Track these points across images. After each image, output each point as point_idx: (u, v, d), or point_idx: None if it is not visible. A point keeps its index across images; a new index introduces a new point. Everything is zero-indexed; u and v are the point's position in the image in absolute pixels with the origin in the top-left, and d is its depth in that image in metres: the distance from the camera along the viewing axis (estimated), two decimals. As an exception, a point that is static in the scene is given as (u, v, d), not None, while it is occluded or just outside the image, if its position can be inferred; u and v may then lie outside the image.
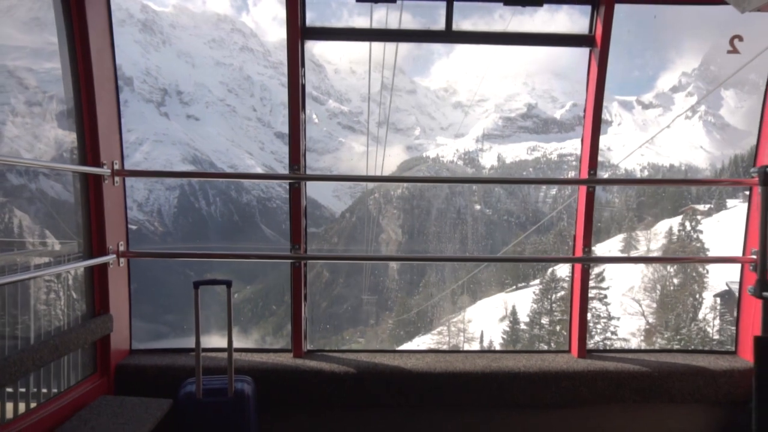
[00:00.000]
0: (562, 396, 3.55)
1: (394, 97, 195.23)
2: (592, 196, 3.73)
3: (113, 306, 3.55)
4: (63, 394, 3.16)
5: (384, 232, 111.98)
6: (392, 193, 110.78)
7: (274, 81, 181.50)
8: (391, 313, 70.94)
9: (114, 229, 3.57)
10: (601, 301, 37.83)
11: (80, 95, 3.31)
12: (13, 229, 5.34)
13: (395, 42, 4.46)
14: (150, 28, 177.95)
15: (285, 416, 3.63)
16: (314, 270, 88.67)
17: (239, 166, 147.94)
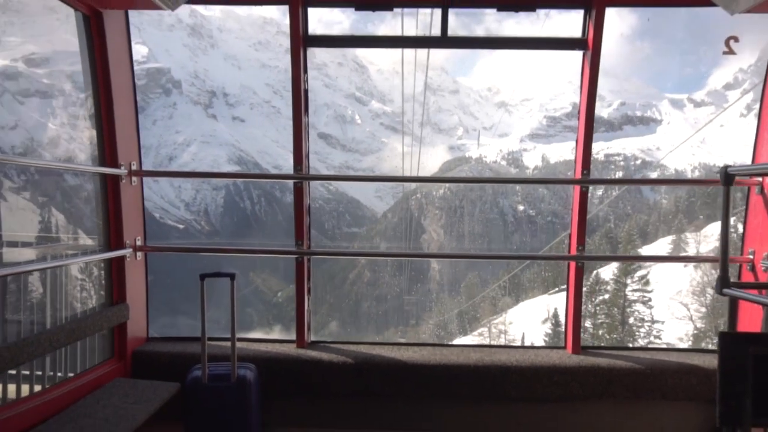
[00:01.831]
0: (553, 390, 3.62)
1: (437, 98, 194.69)
2: (585, 196, 3.81)
3: (130, 296, 3.81)
4: (81, 375, 3.44)
5: (426, 233, 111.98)
6: (434, 193, 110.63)
7: (318, 82, 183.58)
8: (432, 313, 70.93)
9: (131, 224, 3.83)
10: (644, 304, 36.81)
11: (99, 102, 3.57)
12: (53, 225, 5.68)
13: (393, 48, 4.59)
14: (198, 32, 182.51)
15: (286, 403, 3.81)
16: (356, 270, 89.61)
17: (283, 167, 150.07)
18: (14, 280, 3.83)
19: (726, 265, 2.85)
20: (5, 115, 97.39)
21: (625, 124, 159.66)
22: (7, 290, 3.74)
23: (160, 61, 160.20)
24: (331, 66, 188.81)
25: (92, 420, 2.96)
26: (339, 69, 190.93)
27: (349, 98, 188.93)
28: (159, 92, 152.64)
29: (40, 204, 7.95)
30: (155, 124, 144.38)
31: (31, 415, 2.98)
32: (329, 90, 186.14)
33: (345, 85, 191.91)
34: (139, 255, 3.92)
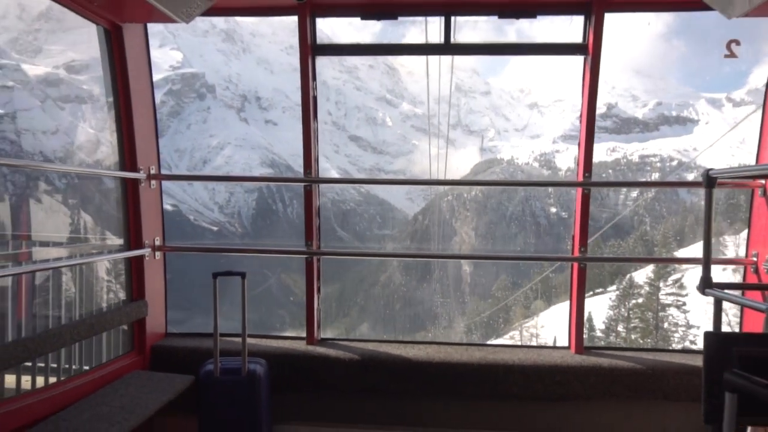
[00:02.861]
0: (555, 389, 3.70)
1: (468, 99, 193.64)
2: (587, 198, 3.89)
3: (149, 293, 4.04)
4: (102, 366, 3.67)
5: (457, 235, 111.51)
6: (465, 195, 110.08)
7: (349, 85, 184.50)
8: (463, 316, 70.63)
9: (150, 225, 4.05)
10: (679, 309, 35.94)
11: (120, 110, 3.80)
12: (81, 225, 5.97)
13: (397, 55, 4.72)
14: (231, 37, 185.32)
15: (295, 397, 3.97)
16: (386, 272, 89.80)
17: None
18: (45, 277, 4.09)
19: (709, 266, 2.90)
20: (47, 120, 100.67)
21: (661, 125, 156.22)
22: (35, 286, 4.00)
23: (194, 67, 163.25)
24: (362, 69, 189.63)
25: (109, 408, 3.16)
26: (370, 72, 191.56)
27: (379, 101, 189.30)
28: (193, 97, 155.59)
29: (71, 206, 8.29)
30: (189, 128, 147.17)
31: (54, 401, 3.21)
32: (360, 93, 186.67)
33: (376, 87, 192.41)
34: (157, 254, 4.15)
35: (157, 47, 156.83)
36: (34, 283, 3.95)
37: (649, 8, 3.76)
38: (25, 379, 3.69)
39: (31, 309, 3.94)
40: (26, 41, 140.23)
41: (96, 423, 2.97)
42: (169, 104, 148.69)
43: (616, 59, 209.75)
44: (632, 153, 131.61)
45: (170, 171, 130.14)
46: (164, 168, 4.21)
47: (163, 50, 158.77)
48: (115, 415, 3.10)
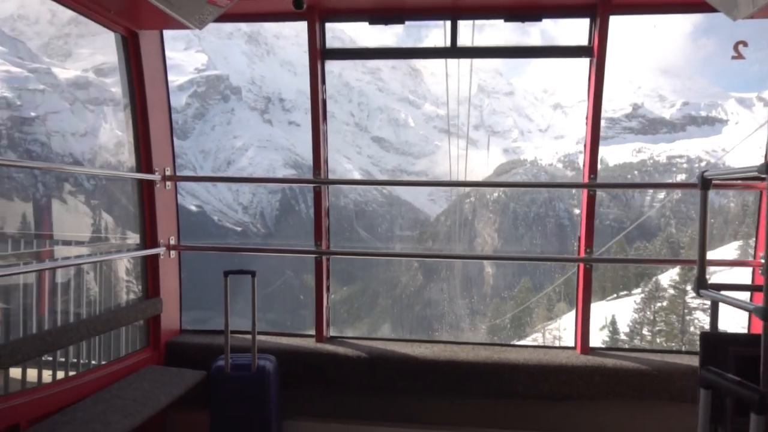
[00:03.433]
0: (560, 389, 3.74)
1: (492, 100, 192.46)
2: (593, 199, 3.93)
3: (164, 291, 4.18)
4: (118, 361, 3.82)
5: (479, 236, 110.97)
6: (488, 197, 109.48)
7: (371, 86, 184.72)
8: (485, 318, 70.30)
9: (165, 225, 4.19)
10: (705, 312, 35.28)
11: (136, 114, 3.94)
12: (103, 225, 6.15)
13: (404, 59, 4.80)
14: (255, 39, 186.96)
15: (304, 393, 4.08)
16: (409, 273, 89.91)
17: (337, 170, 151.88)
18: (66, 274, 4.26)
19: (703, 266, 2.92)
20: (77, 122, 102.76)
21: (688, 125, 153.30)
22: (57, 283, 4.16)
23: (219, 69, 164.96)
24: (384, 70, 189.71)
25: (122, 400, 3.30)
26: (392, 73, 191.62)
27: (402, 101, 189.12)
28: (218, 99, 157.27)
29: (93, 206, 8.56)
30: (214, 130, 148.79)
31: (73, 393, 3.36)
32: (382, 94, 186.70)
33: (398, 88, 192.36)
34: (172, 253, 4.28)
35: (183, 50, 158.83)
36: (55, 281, 4.12)
37: (653, 10, 3.78)
38: (47, 372, 3.86)
39: (52, 305, 4.10)
40: (57, 45, 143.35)
41: (110, 414, 3.10)
42: (194, 106, 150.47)
43: (642, 59, 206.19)
44: (659, 154, 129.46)
45: (195, 172, 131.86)
46: (189, 169, 4.39)
47: (188, 53, 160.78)
48: (128, 407, 3.23)
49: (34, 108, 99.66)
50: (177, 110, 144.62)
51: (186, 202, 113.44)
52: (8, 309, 3.80)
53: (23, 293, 3.97)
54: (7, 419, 2.93)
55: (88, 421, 3.00)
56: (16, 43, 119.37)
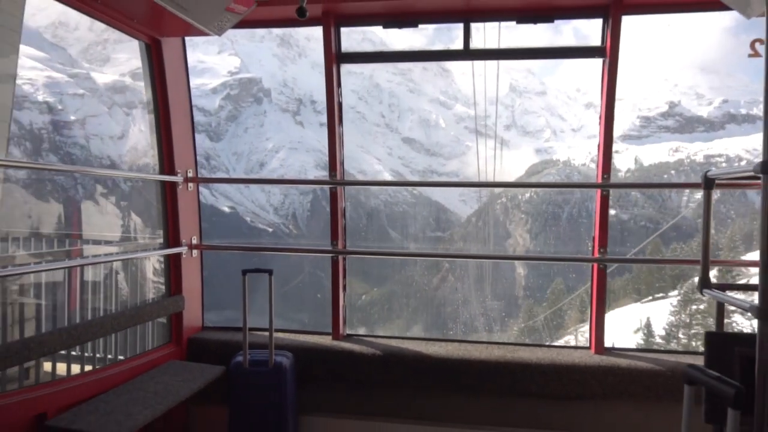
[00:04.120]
0: (573, 388, 3.75)
1: (523, 100, 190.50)
2: (606, 199, 3.94)
3: (186, 289, 4.33)
4: (142, 355, 3.99)
5: (511, 237, 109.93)
6: (520, 197, 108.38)
7: (402, 87, 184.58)
8: (517, 319, 69.68)
9: (188, 225, 4.35)
10: (744, 315, 34.36)
11: (159, 118, 4.11)
12: (131, 225, 6.39)
13: (418, 62, 4.87)
14: (287, 42, 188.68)
15: (320, 389, 4.18)
16: (439, 274, 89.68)
17: (368, 172, 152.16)
18: (95, 273, 4.46)
19: (707, 266, 2.92)
20: (114, 126, 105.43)
21: (727, 123, 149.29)
22: (84, 280, 4.36)
23: (251, 72, 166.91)
24: (415, 71, 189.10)
25: (144, 393, 3.45)
26: (423, 74, 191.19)
27: (433, 102, 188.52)
28: (250, 101, 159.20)
29: (123, 207, 8.89)
30: (247, 132, 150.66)
31: (98, 385, 3.52)
32: (413, 95, 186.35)
33: (429, 89, 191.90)
34: (194, 252, 4.44)
35: (216, 54, 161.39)
36: (84, 278, 4.32)
37: (666, 10, 3.78)
38: (75, 366, 4.05)
39: (81, 301, 4.30)
40: (95, 51, 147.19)
41: (131, 406, 3.25)
42: (227, 109, 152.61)
43: (678, 56, 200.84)
44: (696, 153, 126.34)
45: (228, 173, 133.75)
46: (222, 170, 4.58)
47: (221, 56, 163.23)
48: (149, 399, 3.37)
49: (74, 112, 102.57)
50: (210, 113, 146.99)
51: (219, 203, 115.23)
52: (39, 304, 4.02)
53: (54, 290, 4.18)
54: (36, 407, 3.10)
55: (110, 412, 3.16)
56: (57, 49, 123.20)
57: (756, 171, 2.22)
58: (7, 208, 6.71)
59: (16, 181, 29.50)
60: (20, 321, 3.90)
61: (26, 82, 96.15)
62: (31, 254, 5.10)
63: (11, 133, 12.70)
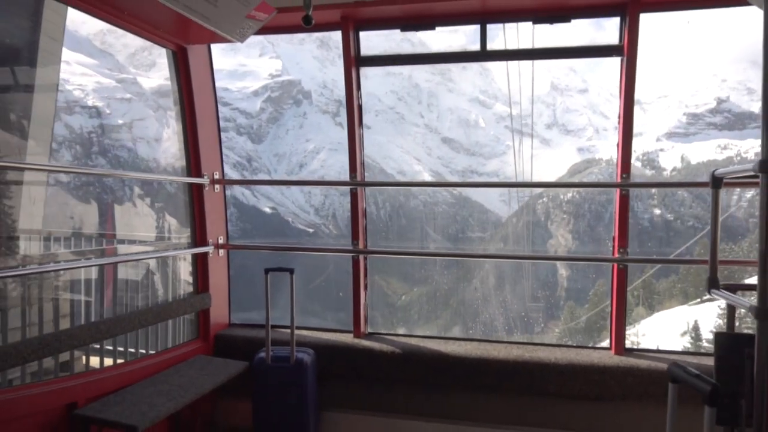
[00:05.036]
0: (591, 389, 3.75)
1: (565, 98, 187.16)
2: (626, 199, 3.92)
3: (213, 287, 4.50)
4: (170, 350, 4.17)
5: (553, 237, 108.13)
6: (561, 197, 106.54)
7: (441, 87, 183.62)
8: (558, 321, 68.56)
9: (214, 225, 4.52)
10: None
11: (186, 122, 4.28)
12: (164, 225, 6.62)
13: (436, 63, 4.93)
14: (326, 44, 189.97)
15: (341, 385, 4.28)
16: (480, 275, 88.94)
17: (407, 172, 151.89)
18: (128, 269, 4.66)
19: (715, 267, 2.89)
20: (160, 129, 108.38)
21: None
22: (117, 277, 4.58)
23: (291, 74, 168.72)
24: (454, 70, 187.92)
25: (169, 386, 3.61)
26: (462, 73, 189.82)
27: (472, 102, 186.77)
28: (291, 103, 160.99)
29: (157, 208, 9.22)
30: (287, 134, 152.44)
31: (127, 377, 3.71)
32: (453, 94, 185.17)
33: (469, 88, 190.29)
34: (221, 252, 4.61)
35: (258, 56, 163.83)
36: (116, 275, 4.54)
37: (684, 6, 3.74)
38: (108, 359, 4.26)
39: (115, 297, 4.51)
40: (142, 56, 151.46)
41: (156, 397, 3.41)
42: (269, 111, 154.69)
43: (727, 50, 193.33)
44: (746, 150, 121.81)
45: (270, 174, 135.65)
46: (263, 172, 4.76)
47: (262, 59, 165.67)
48: (174, 392, 3.53)
49: (122, 115, 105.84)
50: (252, 115, 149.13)
51: (261, 204, 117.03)
52: (75, 300, 4.25)
53: (88, 287, 4.41)
54: (68, 397, 3.29)
55: (136, 403, 3.32)
56: (106, 55, 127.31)
57: (755, 170, 2.20)
58: (52, 209, 7.03)
59: (65, 184, 30.75)
60: (55, 316, 4.12)
61: (77, 88, 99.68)
62: (68, 253, 5.36)
63: (63, 137, 13.28)
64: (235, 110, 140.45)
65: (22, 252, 5.50)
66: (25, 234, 5.62)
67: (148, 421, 3.13)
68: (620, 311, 4.06)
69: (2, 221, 5.19)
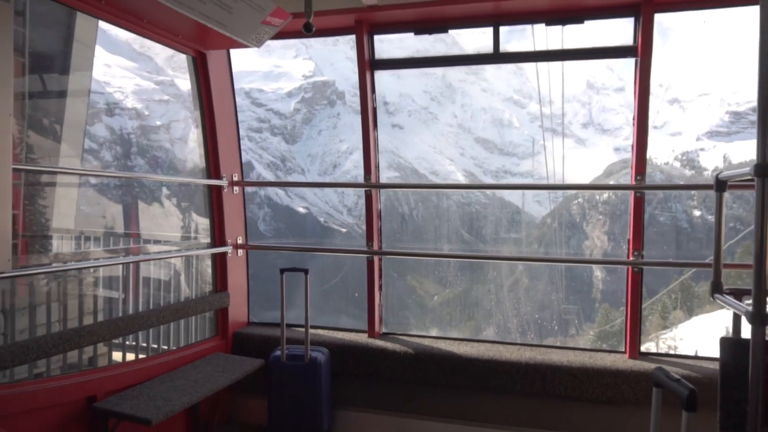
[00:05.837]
0: (604, 392, 3.73)
1: (601, 96, 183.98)
2: (640, 201, 3.90)
3: (231, 286, 4.62)
4: (189, 347, 4.31)
5: (588, 239, 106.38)
6: (597, 198, 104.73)
7: (475, 87, 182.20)
8: (593, 324, 67.42)
9: (233, 226, 4.64)
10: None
11: (206, 126, 4.40)
12: (189, 226, 6.78)
13: (450, 66, 4.95)
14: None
15: (354, 384, 4.36)
16: (513, 276, 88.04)
17: (440, 172, 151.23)
18: (151, 268, 4.81)
19: (719, 271, 2.85)
20: (195, 130, 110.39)
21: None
22: (142, 276, 4.73)
23: (325, 75, 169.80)
24: (488, 70, 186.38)
25: (185, 381, 3.73)
26: (496, 72, 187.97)
27: (506, 101, 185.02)
28: (324, 104, 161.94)
29: (183, 208, 9.45)
30: (320, 134, 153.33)
31: (146, 372, 3.84)
32: (486, 94, 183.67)
33: (503, 88, 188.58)
34: (240, 252, 4.72)
35: (292, 58, 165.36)
36: (139, 273, 4.69)
37: (698, 6, 3.69)
38: (130, 354, 4.41)
39: (139, 295, 4.67)
40: (179, 58, 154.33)
41: (171, 392, 3.53)
42: (302, 112, 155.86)
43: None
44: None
45: (303, 175, 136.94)
46: (297, 172, 4.89)
47: (296, 61, 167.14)
48: (189, 387, 3.65)
49: (160, 117, 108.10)
50: (286, 116, 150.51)
51: (294, 204, 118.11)
52: (97, 297, 4.41)
53: (111, 284, 4.56)
54: (88, 390, 3.44)
55: (152, 397, 3.44)
56: (145, 58, 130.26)
57: (750, 173, 2.18)
58: (85, 209, 7.30)
59: (96, 185, 31.88)
60: (79, 312, 4.29)
61: (117, 90, 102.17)
62: (97, 251, 5.57)
63: (104, 138, 13.69)
64: (270, 111, 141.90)
65: (55, 250, 5.74)
66: (58, 233, 5.86)
67: (162, 415, 3.24)
68: (635, 315, 4.02)
69: (36, 221, 5.41)
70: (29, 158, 5.49)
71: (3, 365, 2.97)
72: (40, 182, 5.66)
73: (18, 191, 5.29)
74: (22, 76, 5.72)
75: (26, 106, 5.70)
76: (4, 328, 3.79)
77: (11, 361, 3.01)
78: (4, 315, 3.87)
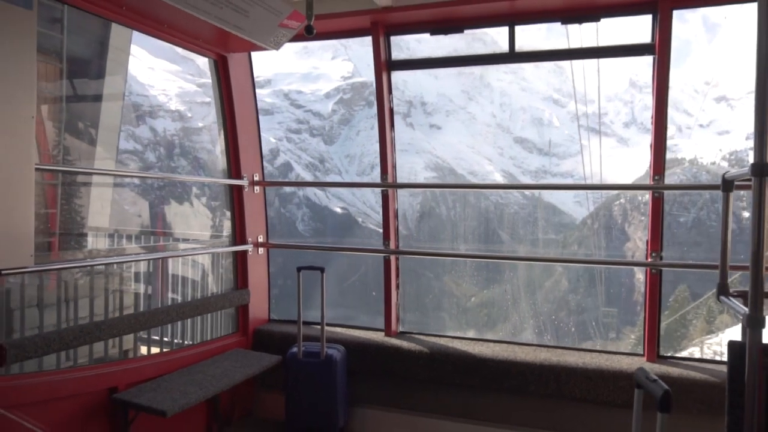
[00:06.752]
0: (619, 395, 3.68)
1: (643, 95, 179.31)
2: (658, 201, 3.84)
3: (252, 284, 4.72)
4: (209, 342, 4.42)
5: (630, 240, 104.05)
6: (639, 198, 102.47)
7: (514, 86, 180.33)
8: (634, 327, 66.00)
9: (254, 225, 4.74)
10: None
11: (227, 127, 4.51)
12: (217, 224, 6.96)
13: (465, 66, 4.94)
14: (398, 45, 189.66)
15: (370, 382, 4.39)
16: (553, 278, 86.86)
17: (479, 173, 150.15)
18: (178, 265, 4.96)
19: (725, 272, 2.78)
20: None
21: None
22: (167, 273, 4.88)
23: (363, 76, 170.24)
24: (527, 69, 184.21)
25: (203, 375, 3.83)
26: (536, 71, 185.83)
27: (546, 100, 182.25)
28: (362, 105, 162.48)
29: (213, 208, 9.73)
30: (359, 135, 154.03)
31: (165, 366, 3.97)
32: (525, 93, 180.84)
33: (542, 87, 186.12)
34: (260, 250, 4.82)
35: (330, 59, 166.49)
36: (167, 270, 4.85)
37: (716, 2, 3.60)
38: (154, 348, 4.56)
39: (164, 290, 4.82)
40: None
41: (189, 386, 3.64)
42: (340, 113, 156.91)
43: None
44: None
45: (341, 175, 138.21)
46: (335, 173, 5.00)
47: (335, 62, 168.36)
48: (206, 381, 3.75)
49: (202, 119, 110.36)
50: (324, 117, 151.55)
51: (332, 204, 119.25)
52: (123, 291, 4.58)
53: (139, 280, 4.73)
54: (109, 381, 3.57)
55: (170, 390, 3.56)
56: (187, 61, 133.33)
57: (748, 173, 2.14)
58: (121, 208, 7.55)
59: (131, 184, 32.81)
60: (105, 306, 4.46)
61: (161, 93, 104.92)
62: (126, 249, 5.77)
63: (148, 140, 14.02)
64: (309, 112, 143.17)
65: (90, 247, 5.96)
66: (93, 231, 6.08)
67: (177, 407, 3.35)
68: (653, 317, 3.95)
69: (72, 219, 5.63)
70: (66, 160, 5.71)
71: (26, 355, 3.12)
72: (76, 182, 5.87)
73: (54, 191, 5.52)
74: (60, 80, 5.94)
75: (63, 109, 5.92)
76: (38, 321, 3.97)
77: (34, 352, 3.16)
78: (38, 309, 4.05)
